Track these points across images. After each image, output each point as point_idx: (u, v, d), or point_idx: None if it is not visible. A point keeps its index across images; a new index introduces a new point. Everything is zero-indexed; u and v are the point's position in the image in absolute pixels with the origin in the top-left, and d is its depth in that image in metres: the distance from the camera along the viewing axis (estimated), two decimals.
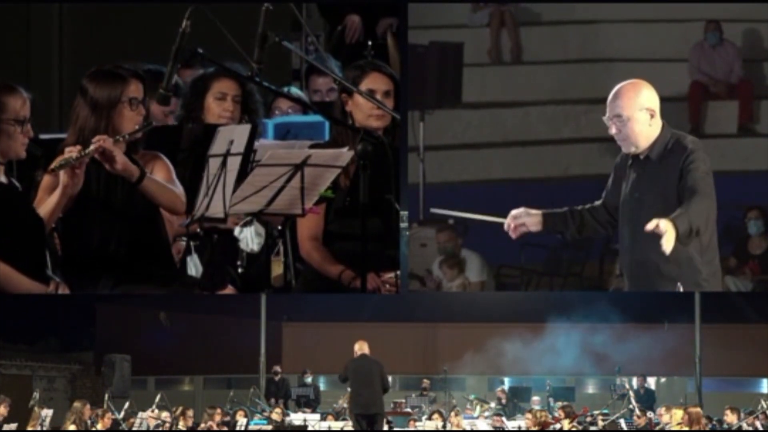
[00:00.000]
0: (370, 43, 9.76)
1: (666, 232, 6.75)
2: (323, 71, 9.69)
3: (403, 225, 8.95)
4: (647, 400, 18.92)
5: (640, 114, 7.07)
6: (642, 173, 7.16)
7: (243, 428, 15.90)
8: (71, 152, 6.81)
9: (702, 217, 6.95)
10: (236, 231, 7.85)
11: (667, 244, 6.75)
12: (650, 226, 6.78)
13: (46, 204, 6.88)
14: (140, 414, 16.22)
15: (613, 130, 7.12)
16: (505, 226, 7.37)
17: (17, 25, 12.52)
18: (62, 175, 6.81)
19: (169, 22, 7.86)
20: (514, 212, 7.38)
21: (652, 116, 7.11)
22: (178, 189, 7.17)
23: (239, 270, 7.94)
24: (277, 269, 8.04)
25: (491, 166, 13.49)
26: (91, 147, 6.83)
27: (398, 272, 8.09)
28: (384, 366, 14.56)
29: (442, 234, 13.40)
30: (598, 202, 7.47)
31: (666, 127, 7.17)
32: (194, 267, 8.01)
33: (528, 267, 13.20)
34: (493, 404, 19.34)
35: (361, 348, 14.40)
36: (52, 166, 6.81)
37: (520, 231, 7.37)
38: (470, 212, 13.33)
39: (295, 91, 9.75)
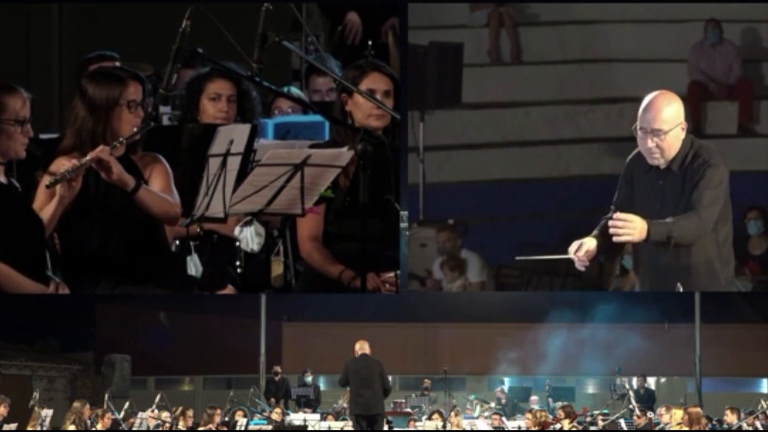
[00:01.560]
0: (370, 42, 9.75)
1: (631, 232, 6.91)
2: (323, 71, 9.68)
3: (403, 225, 8.95)
4: (647, 400, 18.90)
5: (677, 129, 7.13)
6: (664, 184, 7.21)
7: (243, 428, 15.89)
8: (66, 166, 6.81)
9: (687, 232, 7.02)
10: (236, 231, 7.85)
11: (627, 237, 6.95)
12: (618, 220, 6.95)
13: (43, 213, 6.88)
14: (140, 414, 16.20)
15: (648, 144, 7.13)
16: (576, 262, 7.34)
17: (17, 25, 12.51)
18: (59, 188, 6.82)
19: (169, 22, 7.86)
20: (572, 248, 7.33)
21: (683, 129, 7.17)
22: (174, 199, 7.16)
23: (238, 270, 7.94)
24: (277, 269, 8.04)
25: (491, 166, 13.47)
26: (87, 158, 6.83)
27: (398, 272, 8.10)
28: (384, 366, 14.52)
29: (442, 234, 13.38)
30: (603, 222, 7.48)
31: (687, 137, 7.21)
32: (194, 267, 8.01)
33: (528, 267, 13.18)
34: (493, 404, 19.35)
35: (362, 347, 14.32)
36: (48, 182, 6.82)
37: (583, 252, 7.32)
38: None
39: (294, 91, 9.75)
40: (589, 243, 7.32)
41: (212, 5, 7.86)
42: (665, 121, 7.10)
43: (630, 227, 6.97)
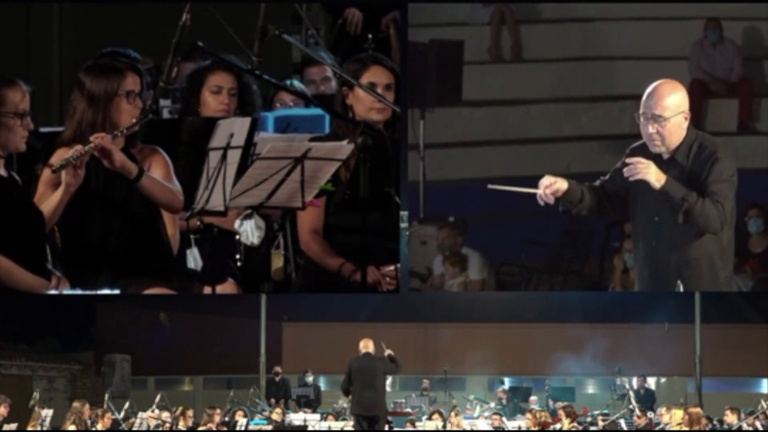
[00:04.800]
0: (370, 36, 9.75)
1: (648, 169, 6.95)
2: (316, 61, 9.68)
3: (404, 225, 8.95)
4: (647, 400, 18.89)
5: (679, 117, 7.14)
6: (666, 172, 7.17)
7: (243, 428, 15.87)
8: (71, 152, 6.82)
9: (704, 212, 7.01)
10: (236, 224, 7.85)
11: (645, 171, 7.01)
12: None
13: (49, 202, 6.89)
14: (140, 414, 16.20)
15: (649, 130, 7.16)
16: (539, 196, 7.41)
17: (17, 18, 12.49)
18: (64, 175, 6.83)
19: (169, 16, 7.87)
20: (543, 181, 7.36)
21: (686, 119, 7.18)
22: (176, 187, 7.20)
23: (238, 263, 7.93)
24: (277, 262, 8.04)
25: (492, 164, 13.46)
26: (90, 144, 6.84)
27: (398, 265, 8.10)
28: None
29: (442, 232, 13.37)
30: (597, 183, 7.52)
31: (691, 128, 7.22)
32: (194, 260, 8.01)
33: (528, 265, 13.18)
34: (493, 404, 19.33)
35: (366, 346, 14.20)
36: (54, 167, 6.83)
37: (553, 190, 7.35)
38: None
39: (297, 84, 9.74)
40: (561, 184, 7.39)
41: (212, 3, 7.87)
42: (667, 107, 7.12)
43: (647, 165, 7.01)
